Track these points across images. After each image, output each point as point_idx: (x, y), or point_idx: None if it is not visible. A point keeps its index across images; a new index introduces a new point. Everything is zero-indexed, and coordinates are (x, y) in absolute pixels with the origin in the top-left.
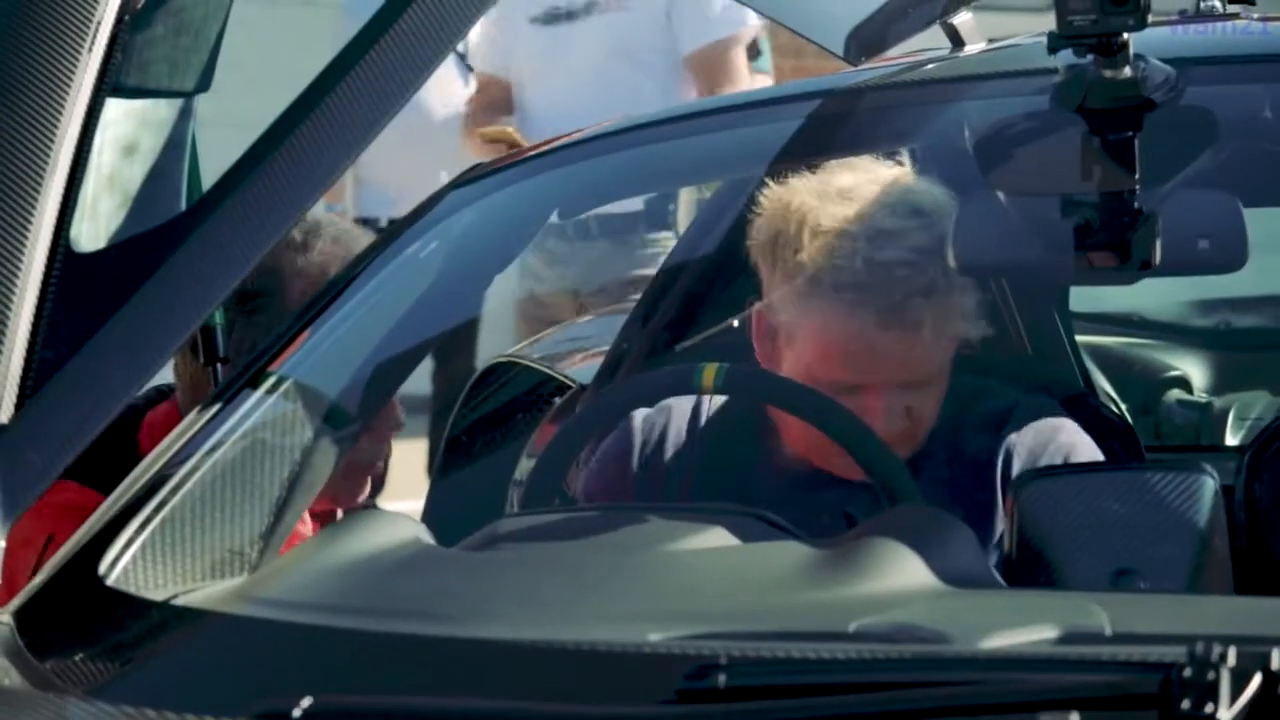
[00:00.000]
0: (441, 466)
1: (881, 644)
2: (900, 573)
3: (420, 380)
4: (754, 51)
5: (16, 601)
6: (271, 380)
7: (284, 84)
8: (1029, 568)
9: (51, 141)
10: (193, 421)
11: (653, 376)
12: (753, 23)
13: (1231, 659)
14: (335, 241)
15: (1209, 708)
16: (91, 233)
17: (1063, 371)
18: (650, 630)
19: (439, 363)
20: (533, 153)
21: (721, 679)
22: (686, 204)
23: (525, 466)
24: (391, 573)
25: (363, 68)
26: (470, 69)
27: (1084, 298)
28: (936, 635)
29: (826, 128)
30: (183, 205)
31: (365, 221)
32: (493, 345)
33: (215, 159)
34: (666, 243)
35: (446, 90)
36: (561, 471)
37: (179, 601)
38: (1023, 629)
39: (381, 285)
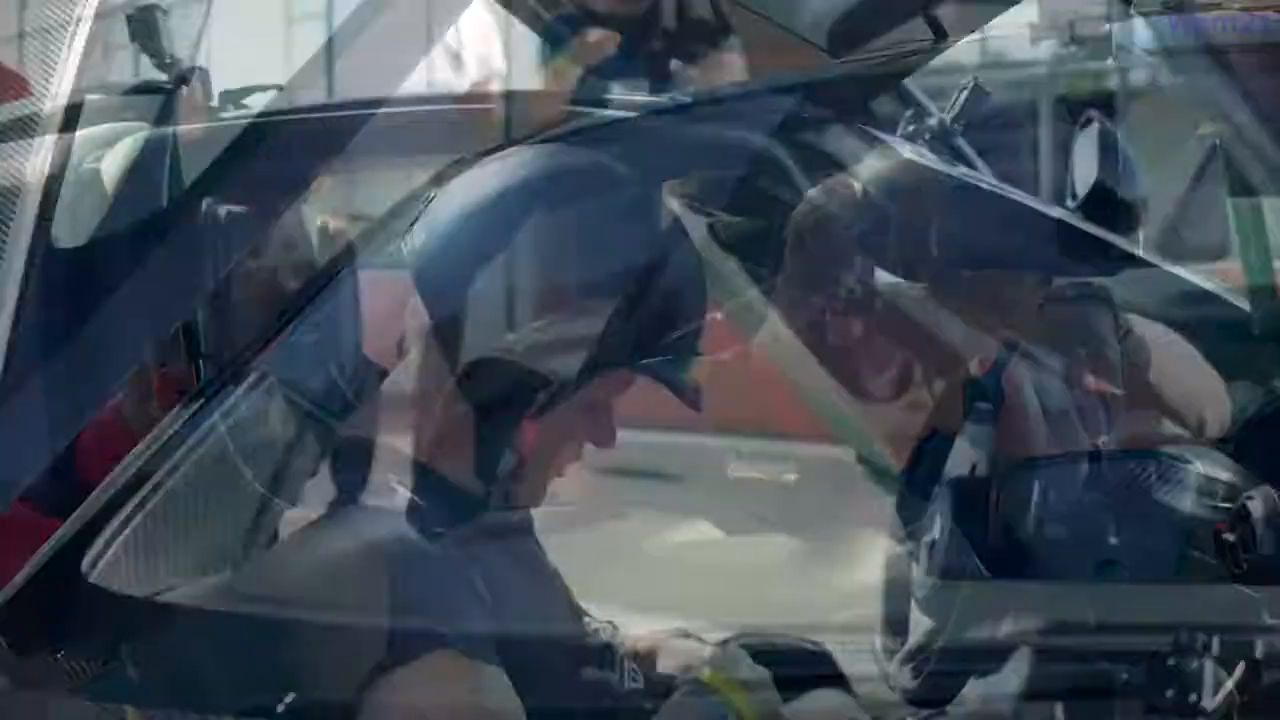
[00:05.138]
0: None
1: (861, 635)
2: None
3: None
4: None
5: None
6: (254, 376)
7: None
8: (1013, 558)
9: (31, 139)
10: (175, 418)
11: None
12: None
13: (1215, 648)
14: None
15: (1193, 696)
16: (72, 230)
17: None
18: (634, 623)
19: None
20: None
21: (706, 671)
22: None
23: (508, 462)
24: (375, 569)
25: (346, 63)
26: None
27: None
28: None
29: (809, 120)
30: (164, 203)
31: None
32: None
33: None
34: None
35: None
36: (546, 466)
37: (162, 598)
38: (1008, 619)
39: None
